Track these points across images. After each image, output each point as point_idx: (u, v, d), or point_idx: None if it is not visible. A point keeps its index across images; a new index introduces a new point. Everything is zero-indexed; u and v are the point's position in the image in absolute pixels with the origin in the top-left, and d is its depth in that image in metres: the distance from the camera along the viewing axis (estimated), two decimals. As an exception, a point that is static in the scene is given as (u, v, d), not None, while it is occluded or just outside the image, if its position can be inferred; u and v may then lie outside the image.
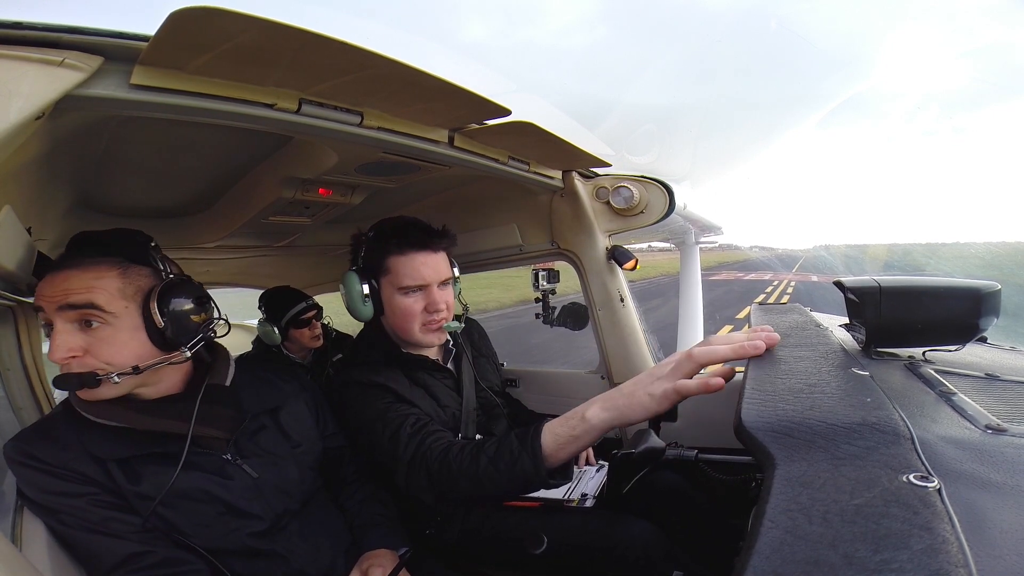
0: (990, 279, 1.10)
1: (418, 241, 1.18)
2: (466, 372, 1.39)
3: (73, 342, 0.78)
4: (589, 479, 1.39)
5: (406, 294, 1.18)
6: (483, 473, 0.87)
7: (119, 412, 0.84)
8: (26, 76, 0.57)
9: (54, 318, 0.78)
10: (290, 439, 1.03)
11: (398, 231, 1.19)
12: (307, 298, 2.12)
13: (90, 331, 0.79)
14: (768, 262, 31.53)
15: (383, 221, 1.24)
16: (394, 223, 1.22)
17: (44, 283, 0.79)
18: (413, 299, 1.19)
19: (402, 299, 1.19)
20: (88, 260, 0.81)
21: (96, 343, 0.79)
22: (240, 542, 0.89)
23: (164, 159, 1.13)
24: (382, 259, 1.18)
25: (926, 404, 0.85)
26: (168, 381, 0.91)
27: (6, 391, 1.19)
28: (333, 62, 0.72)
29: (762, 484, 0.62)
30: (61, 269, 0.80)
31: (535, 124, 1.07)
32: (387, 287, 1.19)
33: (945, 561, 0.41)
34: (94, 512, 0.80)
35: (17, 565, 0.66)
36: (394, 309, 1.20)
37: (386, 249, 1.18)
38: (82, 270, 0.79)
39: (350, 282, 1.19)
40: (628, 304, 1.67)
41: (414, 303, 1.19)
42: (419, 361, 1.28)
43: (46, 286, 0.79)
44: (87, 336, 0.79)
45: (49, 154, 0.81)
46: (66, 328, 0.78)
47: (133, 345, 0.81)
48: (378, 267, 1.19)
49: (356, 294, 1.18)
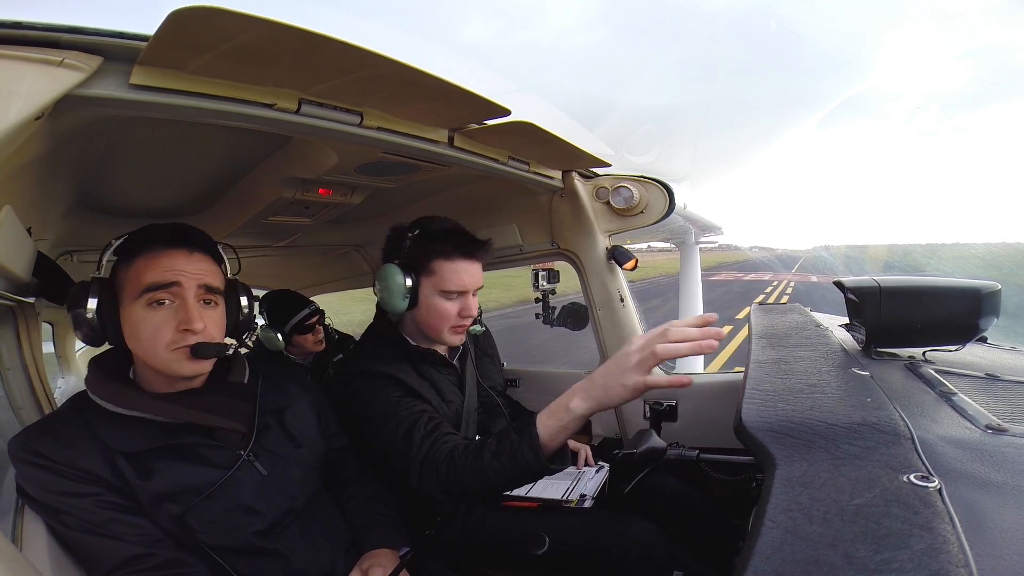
0: (990, 279, 1.10)
1: (466, 250, 1.22)
2: (469, 371, 1.40)
3: (204, 316, 0.87)
4: (588, 479, 1.39)
5: (446, 297, 1.22)
6: (487, 467, 0.93)
7: (144, 401, 0.87)
8: (26, 76, 0.57)
9: (190, 293, 0.86)
10: (293, 439, 1.03)
11: (448, 237, 1.22)
12: (309, 303, 2.11)
13: (208, 310, 0.89)
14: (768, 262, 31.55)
15: (427, 221, 1.25)
16: (442, 226, 1.24)
17: (181, 260, 0.87)
18: (451, 303, 1.23)
19: (441, 301, 1.22)
20: (201, 248, 0.91)
21: (210, 323, 0.89)
22: (245, 540, 0.89)
23: (164, 159, 1.13)
24: (428, 260, 1.21)
25: (926, 404, 0.85)
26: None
27: (6, 391, 1.19)
28: (333, 62, 0.72)
29: (762, 484, 0.62)
30: (193, 250, 0.89)
31: (535, 124, 1.07)
32: (427, 286, 1.22)
33: (946, 561, 0.41)
34: (97, 513, 0.80)
35: (17, 565, 0.66)
36: (430, 308, 1.23)
37: (433, 251, 1.21)
38: (205, 257, 0.91)
39: (391, 274, 1.20)
40: (628, 304, 1.67)
41: (451, 307, 1.23)
42: (428, 355, 1.29)
43: (186, 263, 0.87)
44: (205, 314, 0.88)
45: (49, 154, 0.81)
46: (197, 305, 0.87)
47: (224, 329, 0.93)
48: (422, 266, 1.21)
49: (398, 287, 1.19)
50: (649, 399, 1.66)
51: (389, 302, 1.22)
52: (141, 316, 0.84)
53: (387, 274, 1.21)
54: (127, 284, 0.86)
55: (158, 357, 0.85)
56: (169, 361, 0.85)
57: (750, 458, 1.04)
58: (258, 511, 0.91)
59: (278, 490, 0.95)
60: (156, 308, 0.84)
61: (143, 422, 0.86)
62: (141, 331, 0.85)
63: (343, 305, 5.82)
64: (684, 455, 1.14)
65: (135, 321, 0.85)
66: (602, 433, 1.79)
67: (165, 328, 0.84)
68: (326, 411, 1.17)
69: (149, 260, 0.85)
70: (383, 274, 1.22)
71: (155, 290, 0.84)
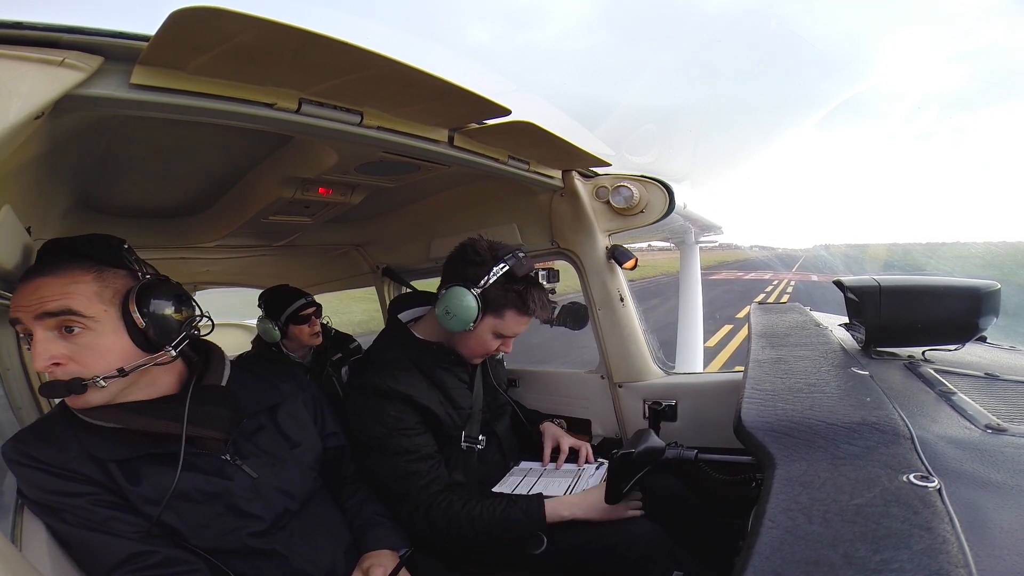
0: (990, 279, 1.10)
1: (541, 313, 1.28)
2: (479, 370, 1.43)
3: (54, 349, 0.76)
4: (588, 477, 1.39)
5: (496, 337, 1.28)
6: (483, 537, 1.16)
7: (113, 413, 0.84)
8: (26, 76, 0.56)
9: (33, 327, 0.76)
10: (289, 439, 1.03)
11: (533, 296, 1.25)
12: (306, 295, 2.12)
13: (71, 337, 0.78)
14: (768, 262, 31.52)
15: (513, 259, 1.23)
16: (527, 272, 1.25)
17: (18, 294, 0.77)
18: (496, 341, 1.29)
19: (491, 339, 1.28)
20: (61, 266, 0.79)
21: (78, 350, 0.78)
22: (240, 542, 0.89)
23: (164, 159, 1.13)
24: (503, 306, 1.23)
25: (926, 404, 0.85)
26: (161, 382, 0.90)
27: (6, 391, 1.18)
28: (333, 62, 0.72)
29: (762, 484, 0.62)
30: (34, 278, 0.77)
31: (535, 124, 1.06)
32: (489, 323, 1.25)
33: (945, 561, 0.41)
34: (95, 512, 0.80)
35: (17, 565, 0.66)
36: (478, 340, 1.28)
37: (513, 301, 1.24)
38: (56, 276, 0.78)
39: (465, 303, 1.20)
40: (628, 303, 1.67)
41: (495, 344, 1.29)
42: (443, 353, 1.32)
43: (20, 296, 0.77)
44: (68, 343, 0.77)
45: (49, 154, 0.81)
46: (46, 336, 0.76)
47: (116, 349, 0.80)
48: (494, 306, 1.23)
49: (466, 315, 1.20)
50: (649, 399, 1.66)
51: (447, 322, 1.22)
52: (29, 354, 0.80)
53: (459, 299, 1.20)
54: None
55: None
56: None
57: (750, 458, 1.03)
58: (251, 514, 0.90)
59: (273, 491, 0.94)
60: (29, 345, 0.79)
61: (123, 431, 0.84)
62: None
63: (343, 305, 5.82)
64: (683, 455, 1.13)
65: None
66: (602, 433, 1.79)
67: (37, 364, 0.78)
68: (323, 409, 1.16)
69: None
70: (455, 296, 1.20)
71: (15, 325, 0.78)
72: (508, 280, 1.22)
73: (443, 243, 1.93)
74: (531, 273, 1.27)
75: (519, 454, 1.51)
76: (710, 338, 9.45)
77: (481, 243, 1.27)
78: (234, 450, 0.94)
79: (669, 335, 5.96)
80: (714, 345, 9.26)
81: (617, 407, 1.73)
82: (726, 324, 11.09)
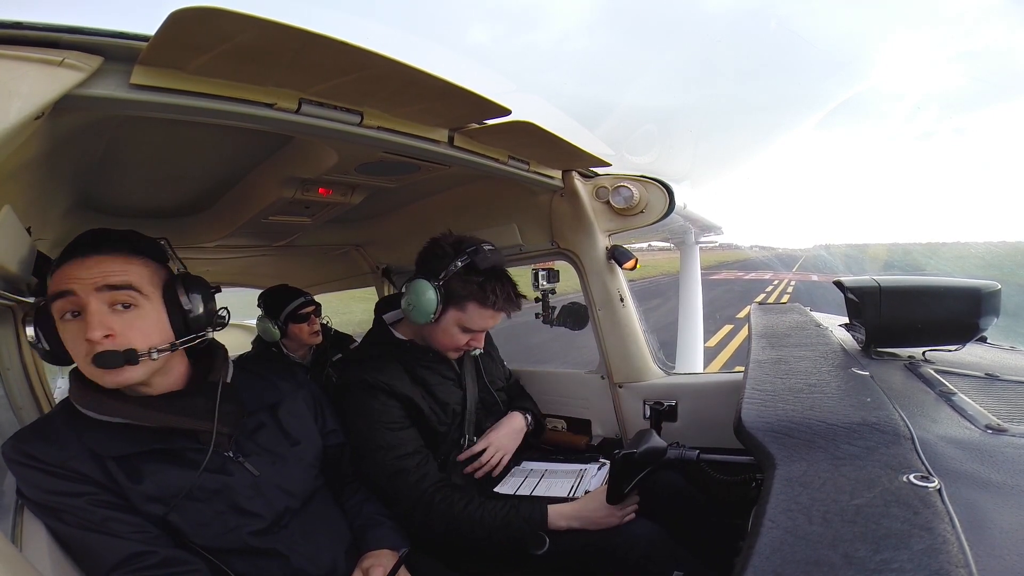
0: (990, 279, 1.10)
1: (504, 308, 1.26)
2: (468, 368, 1.42)
3: (109, 322, 0.80)
4: (591, 477, 1.38)
5: (463, 331, 1.27)
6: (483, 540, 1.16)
7: (124, 408, 0.85)
8: (26, 76, 0.56)
9: (89, 299, 0.80)
10: (289, 437, 1.03)
11: (492, 286, 1.23)
12: (305, 294, 2.13)
13: (122, 313, 0.82)
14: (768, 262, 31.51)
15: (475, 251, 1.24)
16: (490, 264, 1.24)
17: (74, 267, 0.81)
18: (464, 336, 1.28)
19: (457, 332, 1.27)
20: (117, 249, 0.85)
21: (127, 326, 0.82)
22: (240, 541, 0.89)
23: (164, 159, 1.13)
24: (464, 298, 1.23)
25: (926, 404, 0.85)
26: (172, 375, 0.92)
27: (6, 391, 1.19)
28: (333, 62, 0.72)
29: (762, 484, 0.62)
30: (89, 254, 0.82)
31: (535, 124, 1.06)
32: (452, 316, 1.25)
33: (945, 561, 0.41)
34: (94, 512, 0.80)
35: (17, 565, 0.66)
36: (445, 332, 1.27)
37: (474, 293, 1.23)
38: (115, 256, 0.84)
39: (424, 294, 1.22)
40: (628, 304, 1.67)
41: (463, 338, 1.28)
42: (421, 351, 1.32)
43: (75, 270, 0.80)
44: (119, 318, 0.82)
45: (49, 154, 0.81)
46: (102, 309, 0.80)
47: (158, 330, 0.86)
48: (456, 299, 1.23)
49: (427, 307, 1.21)
50: (649, 399, 1.66)
51: (411, 314, 1.25)
52: (62, 331, 0.82)
53: (420, 291, 1.22)
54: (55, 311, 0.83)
55: (86, 370, 0.82)
56: (92, 374, 0.82)
57: (750, 458, 1.04)
58: (252, 512, 0.91)
59: (274, 489, 0.94)
60: (69, 321, 0.81)
61: (127, 427, 0.85)
62: (67, 346, 0.83)
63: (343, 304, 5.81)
64: (684, 455, 1.13)
65: (62, 338, 0.82)
66: (602, 433, 1.79)
67: (78, 340, 0.81)
68: (323, 407, 1.16)
69: (57, 272, 0.82)
70: (416, 289, 1.23)
71: (57, 300, 0.81)
72: (469, 272, 1.22)
73: (443, 243, 1.93)
74: (497, 266, 1.26)
75: (519, 454, 1.51)
76: (710, 338, 9.44)
77: (448, 238, 1.29)
78: (236, 447, 0.94)
79: (669, 335, 5.96)
80: (714, 345, 9.26)
81: (617, 407, 1.73)
82: (726, 324, 11.08)
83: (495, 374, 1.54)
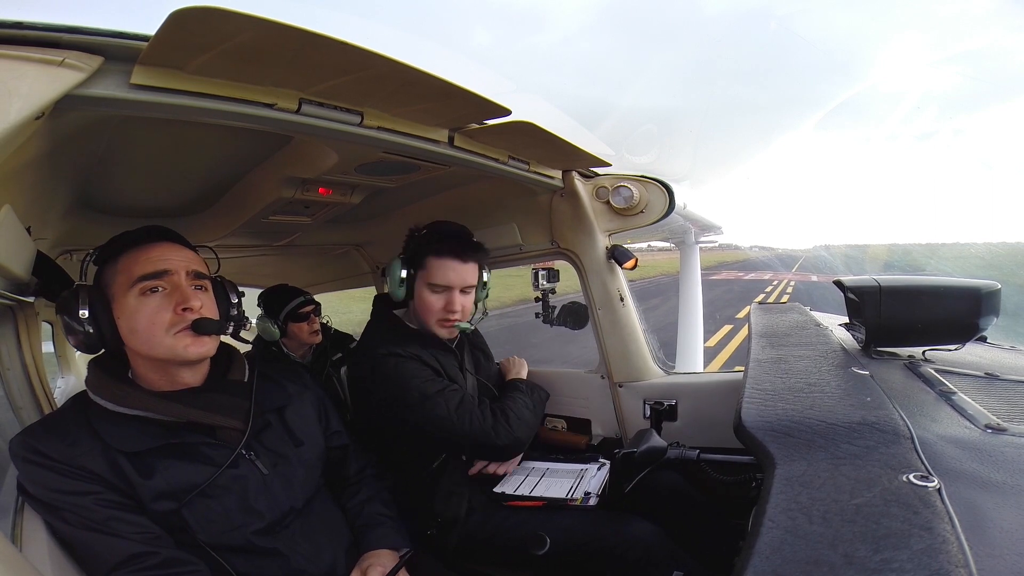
0: (990, 279, 1.10)
1: (453, 250, 1.35)
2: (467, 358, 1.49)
3: (196, 297, 0.90)
4: (591, 477, 1.38)
5: (432, 291, 1.36)
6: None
7: (148, 400, 0.87)
8: (26, 76, 0.56)
9: (182, 277, 0.89)
10: (294, 437, 1.04)
11: (443, 237, 1.36)
12: (305, 293, 2.12)
13: (200, 294, 0.92)
14: (768, 262, 31.47)
15: (437, 223, 1.40)
16: (444, 228, 1.39)
17: (161, 250, 0.89)
18: (436, 296, 1.36)
19: (428, 294, 1.37)
20: (183, 243, 0.95)
21: (206, 305, 0.92)
22: (243, 539, 0.89)
23: (164, 159, 1.13)
24: (423, 256, 1.35)
25: (926, 404, 0.85)
26: (200, 370, 0.96)
27: (6, 391, 1.19)
28: (333, 62, 0.72)
29: (762, 484, 0.62)
30: (169, 242, 0.92)
31: (535, 124, 1.06)
32: (420, 279, 1.37)
33: (945, 561, 0.41)
34: (97, 511, 0.80)
35: (17, 565, 0.66)
36: (420, 300, 1.38)
37: (428, 249, 1.35)
38: (185, 247, 0.95)
39: (394, 267, 1.37)
40: (628, 303, 1.67)
41: (436, 300, 1.37)
42: (430, 339, 1.41)
43: (167, 251, 0.90)
44: (199, 297, 0.91)
45: (49, 154, 0.81)
46: (191, 286, 0.90)
47: (218, 314, 0.96)
48: (418, 262, 1.36)
49: (396, 277, 1.37)
50: (649, 399, 1.66)
51: (391, 290, 1.39)
52: (135, 306, 0.85)
53: (392, 265, 1.38)
54: (115, 280, 0.87)
55: (160, 344, 0.86)
56: (172, 346, 0.86)
57: (750, 458, 1.04)
58: (258, 511, 0.91)
59: (279, 489, 0.95)
60: (150, 295, 0.86)
61: (144, 421, 0.87)
62: (138, 320, 0.85)
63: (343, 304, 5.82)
64: (684, 455, 1.14)
65: (130, 312, 0.85)
66: (602, 433, 1.79)
67: (162, 312, 0.86)
68: (327, 409, 1.17)
69: (136, 254, 0.88)
70: (390, 269, 1.38)
71: (147, 279, 0.85)
72: (425, 239, 1.37)
73: (443, 243, 1.93)
74: (449, 224, 1.40)
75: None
76: (710, 338, 9.44)
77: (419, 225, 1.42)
78: (257, 445, 0.96)
79: (669, 335, 5.96)
80: (714, 345, 9.26)
81: (617, 407, 1.73)
82: (726, 324, 11.08)
83: (487, 371, 1.56)
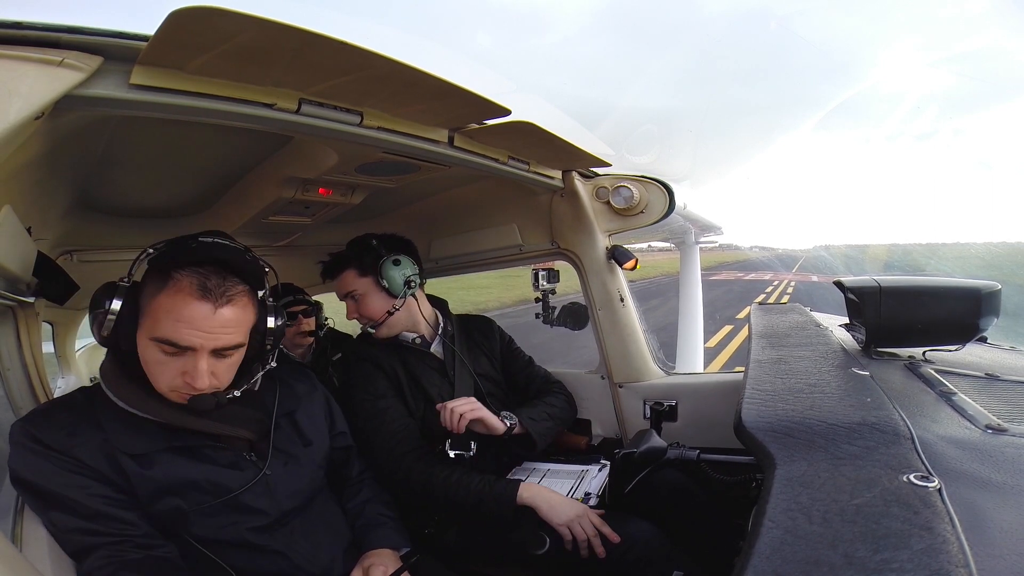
0: (990, 279, 1.10)
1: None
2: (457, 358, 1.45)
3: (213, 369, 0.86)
4: (592, 478, 1.38)
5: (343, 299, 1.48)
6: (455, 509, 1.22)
7: (164, 410, 0.87)
8: (26, 76, 0.56)
9: (202, 358, 0.83)
10: (304, 437, 1.04)
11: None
12: (299, 292, 2.09)
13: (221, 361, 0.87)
14: (768, 262, 31.47)
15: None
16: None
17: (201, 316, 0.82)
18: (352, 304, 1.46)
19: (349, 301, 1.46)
20: (238, 294, 0.86)
21: (224, 373, 0.89)
22: (240, 536, 0.89)
23: (164, 159, 1.13)
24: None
25: (926, 404, 0.85)
26: None
27: (6, 391, 1.18)
28: (333, 62, 0.72)
29: (762, 484, 0.62)
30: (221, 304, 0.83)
31: (535, 124, 1.06)
32: None
33: (945, 561, 0.41)
34: (86, 507, 0.80)
35: (17, 565, 0.66)
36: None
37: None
38: (233, 305, 0.85)
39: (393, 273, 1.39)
40: (628, 304, 1.67)
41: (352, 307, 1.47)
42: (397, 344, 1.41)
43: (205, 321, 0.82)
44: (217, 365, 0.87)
45: (49, 154, 0.81)
46: (207, 359, 0.84)
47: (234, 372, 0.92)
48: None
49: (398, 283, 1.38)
50: (649, 399, 1.66)
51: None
52: (150, 353, 0.84)
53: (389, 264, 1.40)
54: (147, 314, 0.84)
55: (158, 387, 0.86)
56: (168, 393, 0.86)
57: (750, 458, 1.04)
58: (256, 509, 0.91)
59: (283, 489, 0.96)
60: (165, 351, 0.83)
61: (151, 423, 0.87)
62: (147, 362, 0.85)
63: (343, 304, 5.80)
64: (684, 455, 1.14)
65: (143, 350, 0.85)
66: (602, 433, 1.79)
67: (170, 372, 0.84)
68: (333, 410, 1.18)
69: (173, 306, 0.81)
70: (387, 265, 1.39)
71: (167, 344, 0.82)
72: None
73: (443, 243, 1.93)
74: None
75: (520, 455, 1.51)
76: (710, 338, 9.44)
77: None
78: (249, 448, 0.96)
79: (669, 335, 5.95)
80: (714, 345, 9.26)
81: (617, 407, 1.72)
82: (726, 324, 11.08)
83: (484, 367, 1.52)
